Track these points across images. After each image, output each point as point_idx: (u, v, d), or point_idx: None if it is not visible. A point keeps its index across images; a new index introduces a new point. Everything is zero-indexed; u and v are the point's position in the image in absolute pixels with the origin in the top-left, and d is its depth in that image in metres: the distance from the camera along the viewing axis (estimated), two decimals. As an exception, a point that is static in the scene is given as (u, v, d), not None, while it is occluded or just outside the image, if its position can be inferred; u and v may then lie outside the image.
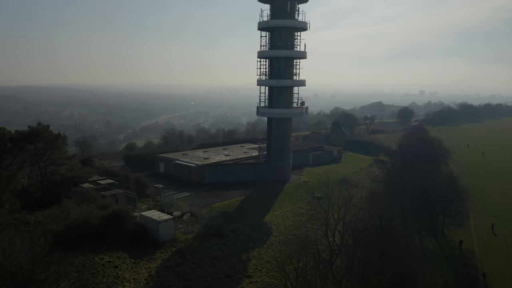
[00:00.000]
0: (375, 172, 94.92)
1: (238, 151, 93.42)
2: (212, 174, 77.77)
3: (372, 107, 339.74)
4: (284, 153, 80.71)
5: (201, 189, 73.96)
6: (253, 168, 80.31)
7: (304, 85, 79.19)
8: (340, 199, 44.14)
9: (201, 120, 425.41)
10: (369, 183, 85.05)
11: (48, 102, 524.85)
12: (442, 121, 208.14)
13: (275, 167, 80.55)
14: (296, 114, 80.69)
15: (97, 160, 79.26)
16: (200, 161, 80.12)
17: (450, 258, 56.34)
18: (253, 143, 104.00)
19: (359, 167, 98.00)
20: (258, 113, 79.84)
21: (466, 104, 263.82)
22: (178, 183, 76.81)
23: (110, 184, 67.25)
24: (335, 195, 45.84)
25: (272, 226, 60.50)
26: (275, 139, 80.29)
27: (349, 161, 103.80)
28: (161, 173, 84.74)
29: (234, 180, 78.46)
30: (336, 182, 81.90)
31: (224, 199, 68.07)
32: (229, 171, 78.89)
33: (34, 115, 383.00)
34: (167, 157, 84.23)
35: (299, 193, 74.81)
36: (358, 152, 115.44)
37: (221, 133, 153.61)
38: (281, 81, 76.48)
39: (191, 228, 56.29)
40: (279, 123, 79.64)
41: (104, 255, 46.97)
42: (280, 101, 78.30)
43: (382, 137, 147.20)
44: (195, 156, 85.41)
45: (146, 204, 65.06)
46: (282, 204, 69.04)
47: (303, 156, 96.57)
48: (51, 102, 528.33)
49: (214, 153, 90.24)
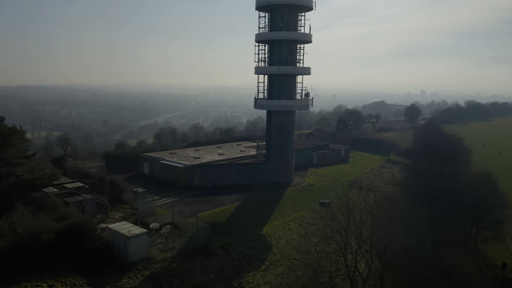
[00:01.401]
0: (389, 173, 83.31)
1: (233, 149, 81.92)
2: (202, 175, 66.30)
3: (375, 106, 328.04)
4: (286, 151, 69.22)
5: (188, 194, 62.53)
6: (250, 169, 68.83)
7: (309, 73, 67.68)
8: (364, 212, 32.51)
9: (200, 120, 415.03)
10: (384, 186, 73.48)
11: (47, 101, 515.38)
12: (450, 119, 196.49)
13: (276, 167, 69.05)
14: (300, 106, 69.11)
15: (70, 160, 67.81)
16: (188, 161, 68.65)
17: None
18: (251, 141, 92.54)
19: (369, 168, 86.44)
20: (256, 105, 68.30)
21: (474, 102, 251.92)
22: (163, 186, 65.56)
23: (79, 188, 55.86)
24: (357, 206, 34.12)
25: (272, 240, 48.99)
26: (276, 136, 68.83)
27: (357, 161, 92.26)
28: (146, 175, 73.43)
29: (228, 182, 67.02)
30: (347, 185, 70.45)
31: (214, 206, 56.61)
32: (222, 172, 67.40)
33: (32, 114, 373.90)
34: (152, 157, 72.79)
35: (304, 198, 63.32)
36: (367, 151, 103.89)
37: (218, 131, 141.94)
38: (283, 68, 64.97)
39: (172, 243, 44.85)
40: (281, 117, 68.15)
41: (56, 282, 35.82)
42: (282, 91, 66.78)
43: (391, 135, 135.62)
44: (184, 156, 73.94)
45: (121, 212, 53.70)
46: (283, 212, 57.51)
47: (307, 156, 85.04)
48: (49, 101, 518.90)
49: (206, 152, 78.74)
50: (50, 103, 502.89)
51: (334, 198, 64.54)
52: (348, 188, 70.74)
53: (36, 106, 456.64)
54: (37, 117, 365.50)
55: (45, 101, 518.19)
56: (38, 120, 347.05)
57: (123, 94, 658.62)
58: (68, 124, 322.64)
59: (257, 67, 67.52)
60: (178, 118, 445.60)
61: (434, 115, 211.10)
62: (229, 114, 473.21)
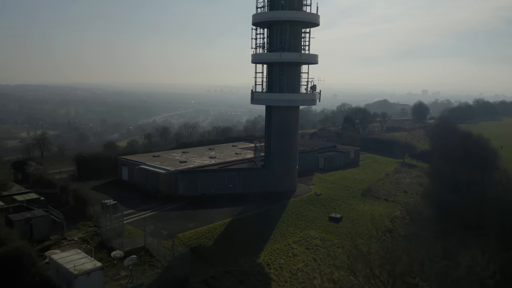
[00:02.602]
0: (406, 179, 71.79)
1: (228, 152, 70.44)
2: (188, 183, 54.88)
3: (378, 105, 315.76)
4: (288, 155, 57.74)
5: (170, 206, 51.11)
6: (246, 176, 57.36)
7: (316, 61, 56.15)
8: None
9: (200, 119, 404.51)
10: (403, 196, 61.91)
11: (46, 100, 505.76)
12: (460, 119, 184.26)
13: (276, 174, 57.61)
14: (306, 101, 57.59)
15: (33, 164, 56.42)
16: (173, 166, 57.20)
17: None
18: (249, 142, 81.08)
19: (383, 173, 74.87)
20: (253, 100, 56.79)
21: (482, 100, 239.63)
22: (142, 196, 54.29)
23: (32, 200, 44.49)
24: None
25: (271, 271, 37.52)
26: (277, 137, 57.36)
27: (369, 164, 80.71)
28: (124, 181, 62.09)
29: (220, 191, 55.63)
30: (360, 194, 58.97)
31: (200, 223, 45.18)
32: (213, 179, 55.95)
33: (29, 113, 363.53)
34: (131, 160, 61.38)
35: (310, 211, 51.82)
36: (378, 152, 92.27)
37: (215, 131, 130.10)
38: (285, 55, 53.43)
39: (138, 279, 33.45)
40: (282, 114, 56.67)
41: None
42: (284, 83, 55.26)
43: (401, 135, 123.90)
44: (169, 159, 62.51)
45: (82, 232, 42.36)
46: (286, 230, 46.03)
47: (312, 159, 73.54)
48: (48, 100, 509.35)
49: (196, 154, 67.28)
50: (49, 101, 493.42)
51: (347, 211, 53.08)
52: (362, 198, 59.26)
53: (34, 105, 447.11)
54: (34, 115, 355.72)
55: (44, 100, 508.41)
56: (34, 118, 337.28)
57: (122, 93, 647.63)
58: (64, 123, 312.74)
59: (255, 54, 56.06)
60: (178, 117, 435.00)
61: (443, 114, 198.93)
62: (229, 113, 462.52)
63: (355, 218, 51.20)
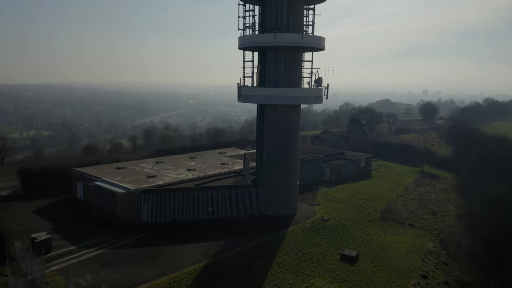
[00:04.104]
0: (431, 195, 57.96)
1: (212, 161, 56.72)
2: (154, 207, 41.19)
3: (380, 105, 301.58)
4: (286, 168, 43.93)
5: (127, 240, 37.38)
6: (231, 196, 43.61)
7: (322, 46, 42.38)
8: None
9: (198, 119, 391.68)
10: (433, 220, 47.95)
11: (42, 100, 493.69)
12: (470, 119, 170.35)
13: (270, 193, 43.90)
14: (310, 98, 43.55)
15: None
16: (137, 183, 43.47)
17: None
18: (240, 148, 67.41)
19: (402, 186, 61.11)
20: (240, 97, 42.95)
21: (492, 100, 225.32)
22: (95, 223, 40.79)
23: None
24: None
25: None
26: (272, 144, 43.64)
27: (383, 175, 66.93)
28: (80, 201, 48.57)
29: (196, 217, 42.01)
30: (378, 218, 45.28)
31: (162, 271, 31.47)
32: (187, 201, 42.22)
33: (25, 113, 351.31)
34: (87, 174, 47.66)
35: (316, 247, 38.06)
36: (390, 159, 78.49)
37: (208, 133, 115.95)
38: (282, 37, 39.62)
39: None
40: (279, 115, 42.95)
41: None
42: (280, 75, 41.44)
43: (412, 137, 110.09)
44: (135, 172, 48.80)
45: (-12, 287, 28.66)
46: (282, 280, 32.25)
47: (316, 169, 59.83)
48: (45, 100, 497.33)
49: (172, 165, 53.56)
50: (46, 101, 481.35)
51: (364, 245, 39.36)
52: (381, 223, 45.48)
53: (30, 105, 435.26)
54: (29, 115, 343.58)
55: (41, 99, 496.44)
56: (28, 118, 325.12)
57: (121, 93, 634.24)
58: (59, 123, 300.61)
59: (243, 36, 42.30)
60: (176, 117, 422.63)
61: (453, 114, 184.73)
62: (228, 113, 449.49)
63: (376, 256, 37.47)
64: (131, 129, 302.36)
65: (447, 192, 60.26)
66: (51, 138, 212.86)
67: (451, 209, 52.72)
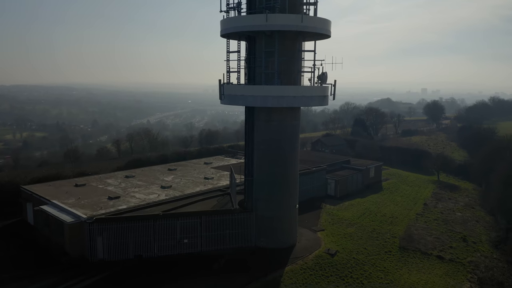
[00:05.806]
0: (456, 213, 48.25)
1: (194, 174, 47.01)
2: (112, 240, 31.53)
3: (381, 104, 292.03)
4: (282, 187, 34.23)
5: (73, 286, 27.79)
6: (212, 224, 33.88)
7: (328, 33, 32.70)
8: None
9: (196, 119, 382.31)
10: (465, 249, 38.24)
11: (39, 100, 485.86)
12: (477, 119, 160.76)
13: (262, 219, 34.22)
14: (312, 99, 33.59)
15: None
16: (92, 207, 33.77)
17: None
18: (230, 156, 57.74)
19: (419, 201, 51.43)
20: (223, 97, 33.25)
21: (498, 98, 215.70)
22: (38, 261, 31.19)
23: None
24: None
25: None
26: (264, 157, 33.98)
27: (395, 186, 57.28)
28: (30, 226, 38.96)
29: (167, 252, 32.36)
30: (397, 248, 35.61)
31: None
32: (155, 231, 32.53)
33: (20, 114, 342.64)
34: (36, 194, 37.97)
35: (321, 296, 28.39)
36: (401, 166, 68.98)
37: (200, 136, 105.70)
38: (276, 18, 29.91)
39: None
40: (273, 120, 33.26)
41: None
42: (274, 69, 31.71)
43: (420, 139, 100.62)
44: (95, 191, 39.10)
45: None
46: None
47: (318, 181, 50.18)
48: (41, 100, 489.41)
49: (144, 180, 43.85)
50: (42, 102, 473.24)
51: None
52: (402, 255, 35.77)
53: (25, 105, 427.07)
54: (24, 116, 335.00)
55: (37, 100, 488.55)
56: (23, 119, 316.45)
57: (119, 93, 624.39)
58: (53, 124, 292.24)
59: (225, 19, 32.57)
60: (173, 117, 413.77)
61: (459, 114, 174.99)
62: (226, 112, 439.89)
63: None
64: (127, 129, 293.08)
65: (473, 209, 50.59)
66: (44, 140, 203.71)
67: (482, 231, 43.09)
